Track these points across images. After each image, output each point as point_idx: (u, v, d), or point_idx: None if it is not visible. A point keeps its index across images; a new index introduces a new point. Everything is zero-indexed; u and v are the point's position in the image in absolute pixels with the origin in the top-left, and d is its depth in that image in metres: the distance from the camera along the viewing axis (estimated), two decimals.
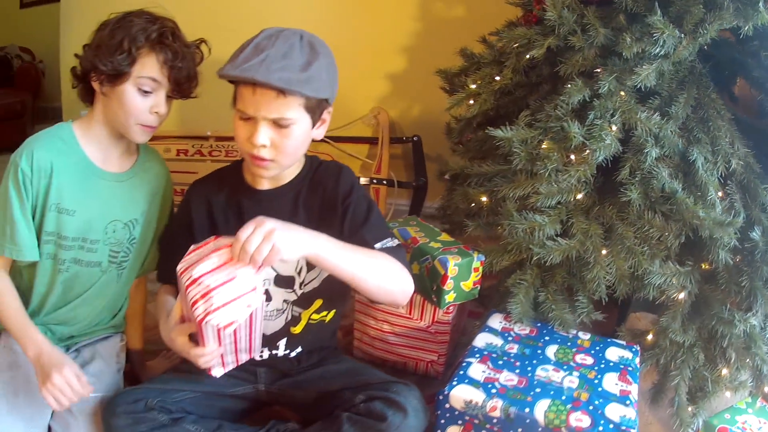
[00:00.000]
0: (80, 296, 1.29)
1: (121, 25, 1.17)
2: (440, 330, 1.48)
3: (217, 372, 1.09)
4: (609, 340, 1.31)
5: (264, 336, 1.17)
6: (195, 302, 0.94)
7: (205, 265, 0.95)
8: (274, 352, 1.24)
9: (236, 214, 1.22)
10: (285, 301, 1.22)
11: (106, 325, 1.37)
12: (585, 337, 1.32)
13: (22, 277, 1.27)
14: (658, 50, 1.13)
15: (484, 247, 1.41)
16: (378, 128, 2.28)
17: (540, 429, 1.05)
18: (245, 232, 0.94)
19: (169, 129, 2.37)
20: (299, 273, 1.22)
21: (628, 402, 1.09)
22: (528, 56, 1.28)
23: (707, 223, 1.13)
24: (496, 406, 1.08)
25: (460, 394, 1.12)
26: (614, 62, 1.22)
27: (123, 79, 1.17)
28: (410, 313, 1.48)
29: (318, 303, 1.24)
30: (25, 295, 1.26)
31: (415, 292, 1.38)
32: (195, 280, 0.94)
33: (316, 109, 1.12)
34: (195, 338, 1.06)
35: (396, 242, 1.18)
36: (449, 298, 1.38)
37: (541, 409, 1.06)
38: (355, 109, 2.31)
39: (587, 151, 1.19)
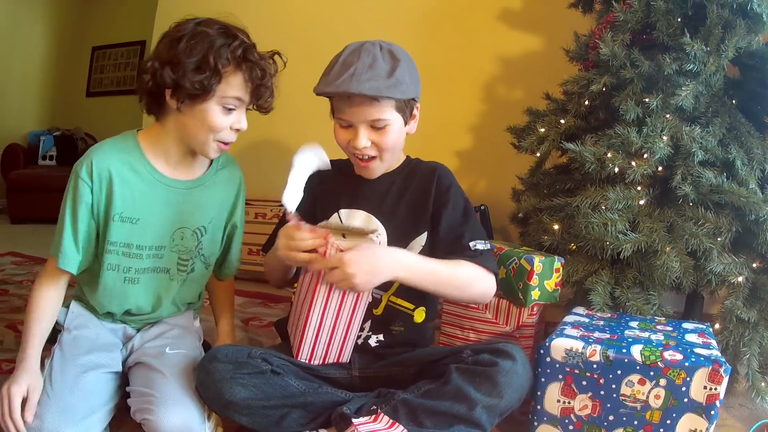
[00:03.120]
0: (151, 302, 1.30)
1: (198, 40, 1.12)
2: (524, 334, 1.62)
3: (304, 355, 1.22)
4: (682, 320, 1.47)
5: None
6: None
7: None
8: (361, 334, 1.30)
9: (341, 194, 1.35)
10: None
11: (178, 312, 1.39)
12: (661, 318, 1.47)
13: (95, 289, 1.26)
14: (691, 66, 1.45)
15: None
16: None
17: (638, 367, 1.16)
18: (331, 263, 1.11)
19: (248, 193, 2.56)
20: None
21: (712, 348, 1.22)
22: (589, 91, 1.61)
23: (752, 202, 1.37)
24: (595, 350, 1.19)
25: (561, 344, 1.22)
26: (659, 89, 1.54)
27: (206, 98, 1.14)
28: (496, 318, 1.64)
29: (396, 284, 1.31)
30: (99, 307, 1.28)
31: (500, 297, 1.56)
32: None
33: (405, 108, 1.26)
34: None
35: (488, 245, 1.29)
36: (535, 294, 1.55)
37: (637, 350, 1.18)
38: None
39: (645, 154, 1.47)
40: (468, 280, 1.24)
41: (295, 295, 1.31)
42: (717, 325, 1.48)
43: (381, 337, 1.31)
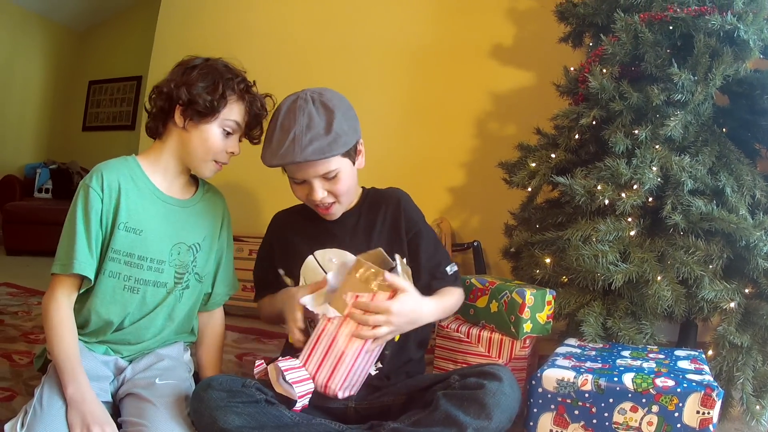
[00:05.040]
0: (146, 316, 1.32)
1: (208, 70, 1.29)
2: (517, 366, 1.62)
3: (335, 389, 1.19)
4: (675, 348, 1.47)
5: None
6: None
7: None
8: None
9: (309, 237, 1.39)
10: None
11: (172, 341, 1.41)
12: (653, 347, 1.48)
13: (90, 298, 1.27)
14: (679, 96, 1.48)
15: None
16: (441, 236, 2.49)
17: (630, 395, 1.17)
18: (378, 320, 1.16)
19: (242, 231, 2.53)
20: None
21: (704, 374, 1.22)
22: (579, 124, 1.64)
23: (743, 228, 1.39)
24: (587, 380, 1.20)
25: (553, 374, 1.24)
26: (648, 121, 1.57)
27: (211, 119, 1.28)
28: (489, 352, 1.64)
29: None
30: (93, 316, 1.28)
31: (492, 330, 1.58)
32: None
33: (351, 151, 1.31)
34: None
35: (455, 267, 1.42)
36: (527, 327, 1.56)
37: (628, 377, 1.19)
38: None
39: (635, 185, 1.50)
40: (455, 304, 1.39)
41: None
42: (710, 352, 1.48)
43: (379, 364, 1.32)
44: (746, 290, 1.50)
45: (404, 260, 1.32)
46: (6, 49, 4.66)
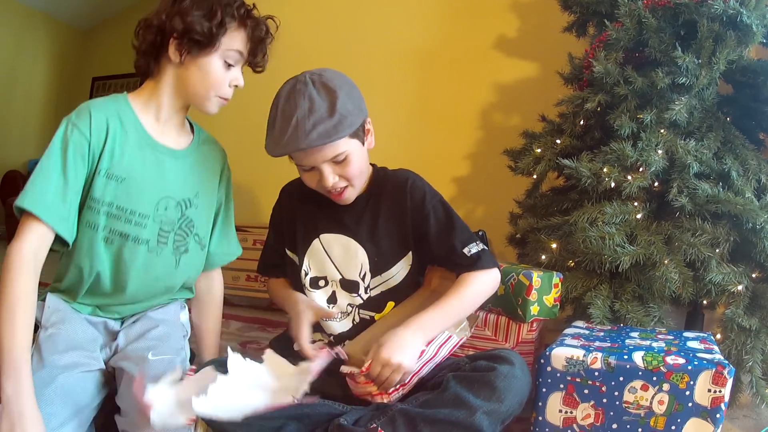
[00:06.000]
0: (129, 275, 1.19)
1: None
2: (524, 350, 1.61)
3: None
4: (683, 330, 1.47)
5: (332, 337, 1.30)
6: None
7: None
8: None
9: (317, 219, 1.34)
10: (350, 305, 1.30)
11: (165, 301, 1.32)
12: (662, 329, 1.47)
13: (70, 254, 1.16)
14: (684, 80, 1.49)
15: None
16: None
17: (640, 373, 1.15)
18: (381, 374, 1.10)
19: (246, 221, 2.54)
20: (363, 278, 1.30)
21: (714, 353, 1.21)
22: (584, 109, 1.64)
23: (749, 210, 1.39)
24: (596, 358, 1.19)
25: (562, 353, 1.21)
26: (653, 105, 1.57)
27: (211, 50, 1.16)
28: (495, 335, 1.63)
29: (390, 305, 1.30)
30: (74, 274, 1.17)
31: (499, 313, 1.57)
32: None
33: (358, 131, 1.23)
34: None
35: (480, 246, 1.26)
36: (534, 310, 1.55)
37: (638, 356, 1.18)
38: None
39: (641, 168, 1.50)
40: (476, 293, 1.23)
41: None
42: (718, 335, 1.47)
43: None
44: (753, 274, 1.50)
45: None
46: (10, 46, 4.68)
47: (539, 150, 1.80)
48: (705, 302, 1.54)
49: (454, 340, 1.23)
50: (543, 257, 1.72)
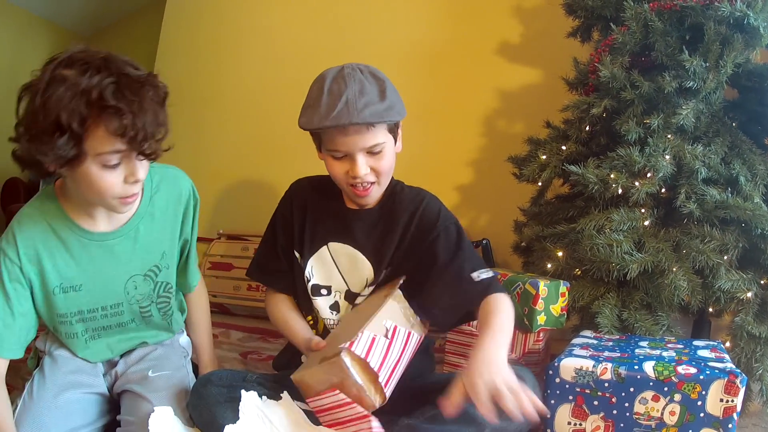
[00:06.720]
0: (122, 346, 1.25)
1: (51, 93, 0.91)
2: (531, 361, 1.59)
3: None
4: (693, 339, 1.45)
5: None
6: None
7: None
8: None
9: (327, 224, 1.31)
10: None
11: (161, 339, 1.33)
12: (671, 338, 1.45)
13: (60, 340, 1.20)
14: (691, 84, 1.47)
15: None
16: None
17: (651, 383, 1.13)
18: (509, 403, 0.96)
19: (245, 230, 2.42)
20: (363, 292, 1.29)
21: (726, 361, 1.19)
22: (590, 115, 1.62)
23: (759, 215, 1.37)
24: (606, 368, 1.17)
25: (571, 363, 1.19)
26: (660, 110, 1.55)
27: (79, 161, 0.95)
28: None
29: None
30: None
31: None
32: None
33: (394, 128, 1.24)
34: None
35: (491, 272, 1.23)
36: (541, 319, 1.54)
37: (649, 366, 1.16)
38: None
39: (649, 173, 1.48)
40: (510, 318, 1.15)
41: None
42: (728, 344, 1.45)
43: None
44: (762, 281, 1.48)
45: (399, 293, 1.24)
46: (11, 52, 4.66)
47: (544, 157, 1.78)
48: (712, 310, 1.52)
49: (415, 337, 1.20)
50: (549, 266, 1.70)
